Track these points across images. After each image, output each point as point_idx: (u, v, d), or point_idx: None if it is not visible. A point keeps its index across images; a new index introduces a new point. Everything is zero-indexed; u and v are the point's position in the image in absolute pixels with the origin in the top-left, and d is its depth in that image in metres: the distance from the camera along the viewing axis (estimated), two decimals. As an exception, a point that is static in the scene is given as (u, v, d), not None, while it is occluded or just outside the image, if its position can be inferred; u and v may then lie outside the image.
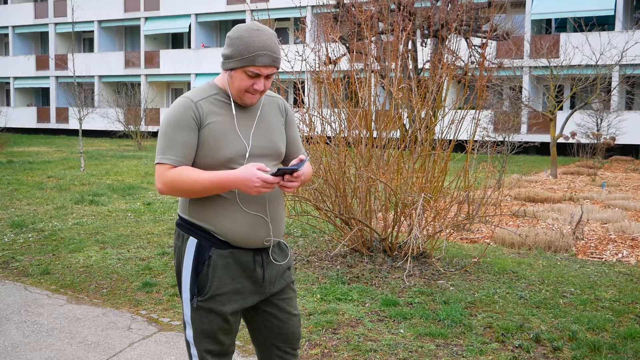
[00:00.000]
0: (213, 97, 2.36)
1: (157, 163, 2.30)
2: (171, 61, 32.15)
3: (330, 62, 6.22)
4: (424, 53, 12.02)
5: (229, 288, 2.36)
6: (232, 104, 2.38)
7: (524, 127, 20.15)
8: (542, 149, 21.51)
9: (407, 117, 6.05)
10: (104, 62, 33.80)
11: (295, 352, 2.59)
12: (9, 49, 37.33)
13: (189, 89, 33.08)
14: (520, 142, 12.31)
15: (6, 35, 38.17)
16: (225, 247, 2.35)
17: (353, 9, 6.43)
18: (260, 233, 2.38)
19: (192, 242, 2.36)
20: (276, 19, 28.59)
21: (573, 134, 16.66)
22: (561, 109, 16.65)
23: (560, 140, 15.86)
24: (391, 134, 5.87)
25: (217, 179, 2.24)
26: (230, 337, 2.45)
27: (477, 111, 5.80)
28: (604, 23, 22.00)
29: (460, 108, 5.95)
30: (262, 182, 2.20)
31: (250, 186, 2.22)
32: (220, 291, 2.35)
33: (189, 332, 2.41)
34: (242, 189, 2.25)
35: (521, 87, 18.22)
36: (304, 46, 6.25)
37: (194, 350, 2.42)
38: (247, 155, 2.34)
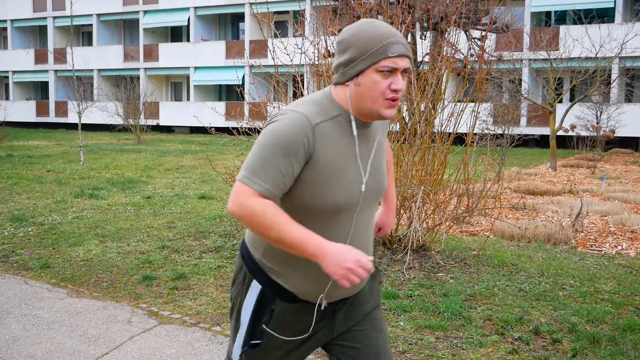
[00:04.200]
0: (335, 119, 1.87)
1: (242, 182, 1.80)
2: (170, 55, 32.11)
3: (330, 55, 6.20)
4: (423, 46, 11.98)
5: (291, 335, 2.02)
6: (354, 122, 1.88)
7: (523, 120, 20.13)
8: (541, 141, 21.51)
9: (407, 110, 6.05)
10: (103, 56, 33.76)
11: None
12: (8, 43, 37.27)
13: (188, 82, 33.08)
14: (519, 134, 12.31)
15: (5, 29, 38.12)
16: (292, 301, 1.98)
17: (352, 1, 6.41)
18: (339, 291, 1.99)
19: (255, 287, 2.00)
20: (275, 12, 28.55)
21: (573, 127, 16.65)
22: (561, 101, 16.63)
23: (560, 132, 15.88)
24: (390, 127, 5.86)
25: (305, 241, 1.76)
26: None
27: (477, 104, 5.80)
28: (603, 15, 21.95)
29: (459, 101, 5.95)
30: (360, 265, 1.75)
31: (343, 266, 1.74)
32: (281, 338, 2.01)
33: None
34: (328, 266, 1.75)
35: (521, 80, 18.19)
36: (303, 39, 6.24)
37: None
38: (362, 193, 1.91)
